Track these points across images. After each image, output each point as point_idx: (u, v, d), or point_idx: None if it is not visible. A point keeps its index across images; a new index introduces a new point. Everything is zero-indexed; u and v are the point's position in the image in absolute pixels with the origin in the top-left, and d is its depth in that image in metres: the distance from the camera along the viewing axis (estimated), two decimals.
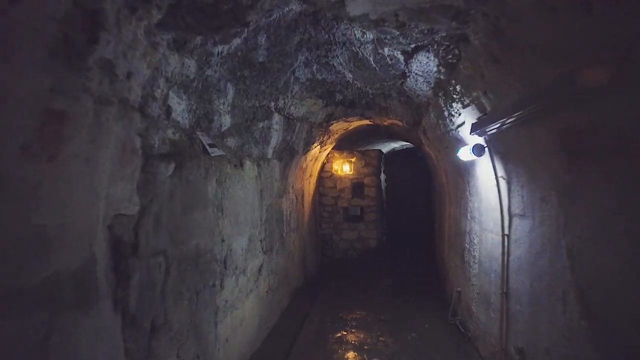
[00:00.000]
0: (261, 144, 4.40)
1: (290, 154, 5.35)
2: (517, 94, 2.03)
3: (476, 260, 3.53)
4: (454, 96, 3.03)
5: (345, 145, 7.90)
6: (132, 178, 1.80)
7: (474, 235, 3.63)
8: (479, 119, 2.60)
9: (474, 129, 2.68)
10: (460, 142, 3.52)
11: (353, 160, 7.48)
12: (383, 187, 8.84)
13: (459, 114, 3.16)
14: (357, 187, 7.58)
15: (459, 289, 4.19)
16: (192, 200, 2.47)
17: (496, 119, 2.28)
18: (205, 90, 3.22)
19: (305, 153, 6.02)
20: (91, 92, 1.44)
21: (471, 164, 3.49)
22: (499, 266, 2.86)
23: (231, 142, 3.77)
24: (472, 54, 2.32)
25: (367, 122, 6.38)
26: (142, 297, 1.85)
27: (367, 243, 7.46)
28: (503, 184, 2.76)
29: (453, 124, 3.46)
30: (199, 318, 2.49)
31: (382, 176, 8.71)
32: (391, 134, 8.13)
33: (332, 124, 5.81)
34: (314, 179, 7.14)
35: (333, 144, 7.23)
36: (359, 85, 4.79)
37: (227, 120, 3.67)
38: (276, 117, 4.51)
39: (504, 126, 2.29)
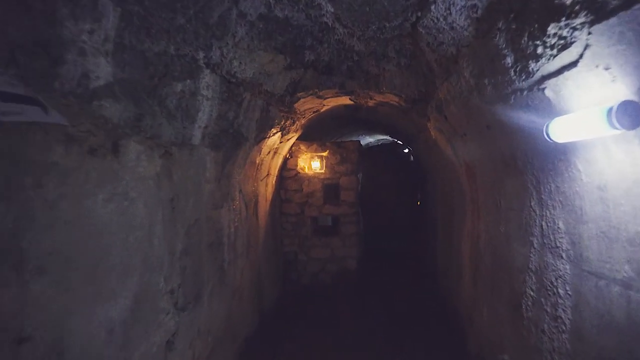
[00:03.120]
0: (180, 119, 2.63)
1: (234, 140, 3.58)
2: None
3: (565, 328, 1.99)
4: (567, 2, 1.45)
5: (314, 134, 6.22)
6: None
7: (553, 280, 2.09)
8: None
9: None
10: (538, 110, 1.97)
11: (325, 154, 5.82)
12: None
13: (565, 45, 1.58)
14: (330, 190, 5.93)
15: (505, 357, 2.65)
16: None
17: None
18: None
19: (260, 142, 4.26)
20: None
21: (561, 151, 1.95)
22: None
23: (113, 109, 1.99)
24: None
25: (346, 100, 4.75)
26: None
27: (344, 264, 5.83)
28: None
29: (529, 75, 1.90)
30: None
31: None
32: (371, 123, 6.58)
33: (299, 98, 4.10)
34: (272, 180, 5.39)
35: (299, 133, 5.53)
36: (341, 34, 3.17)
37: (103, 69, 1.90)
38: (207, 77, 2.77)
39: None
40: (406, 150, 9.51)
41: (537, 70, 1.83)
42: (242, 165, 3.96)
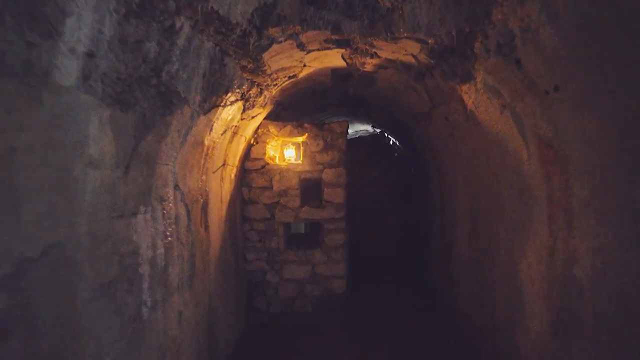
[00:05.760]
0: (15, 22, 1.14)
1: (162, 99, 2.12)
2: None
3: None
4: None
5: (287, 116, 4.83)
6: None
7: None
8: None
9: None
10: None
11: (303, 139, 4.44)
12: None
13: None
14: (310, 187, 4.57)
15: None
16: None
17: None
18: None
19: (210, 111, 2.82)
20: None
21: None
22: None
23: None
24: None
25: (337, 58, 3.42)
26: None
27: (329, 285, 4.47)
28: None
29: None
30: None
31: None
32: (361, 103, 5.29)
33: (271, 42, 2.70)
34: (231, 173, 3.94)
35: (268, 109, 4.12)
36: None
37: None
38: None
39: None
40: (390, 143, 8.36)
41: None
42: (179, 144, 2.50)
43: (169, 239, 2.48)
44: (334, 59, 3.44)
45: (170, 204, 2.51)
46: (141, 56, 1.83)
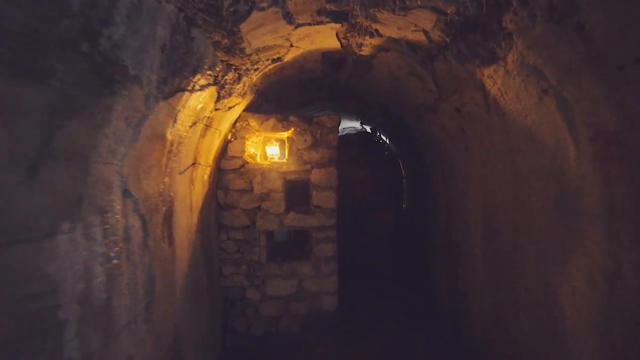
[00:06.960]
0: None
1: (98, 75, 1.52)
2: None
3: None
4: None
5: (271, 106, 4.26)
6: None
7: None
8: None
9: None
10: None
11: (288, 135, 3.88)
12: None
13: None
14: (297, 189, 4.01)
15: None
16: None
17: None
18: None
19: (173, 96, 2.22)
20: None
21: None
22: None
23: None
24: None
25: (330, 37, 2.87)
26: None
27: (318, 303, 3.92)
28: None
29: None
30: None
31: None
32: (352, 95, 4.76)
33: (250, 8, 2.13)
34: (203, 173, 3.35)
35: (248, 100, 3.54)
36: None
37: None
38: None
39: None
40: (380, 141, 7.90)
41: None
42: (129, 137, 1.90)
43: (114, 261, 1.88)
44: (327, 38, 2.90)
45: (117, 216, 1.91)
46: (58, 5, 1.24)
